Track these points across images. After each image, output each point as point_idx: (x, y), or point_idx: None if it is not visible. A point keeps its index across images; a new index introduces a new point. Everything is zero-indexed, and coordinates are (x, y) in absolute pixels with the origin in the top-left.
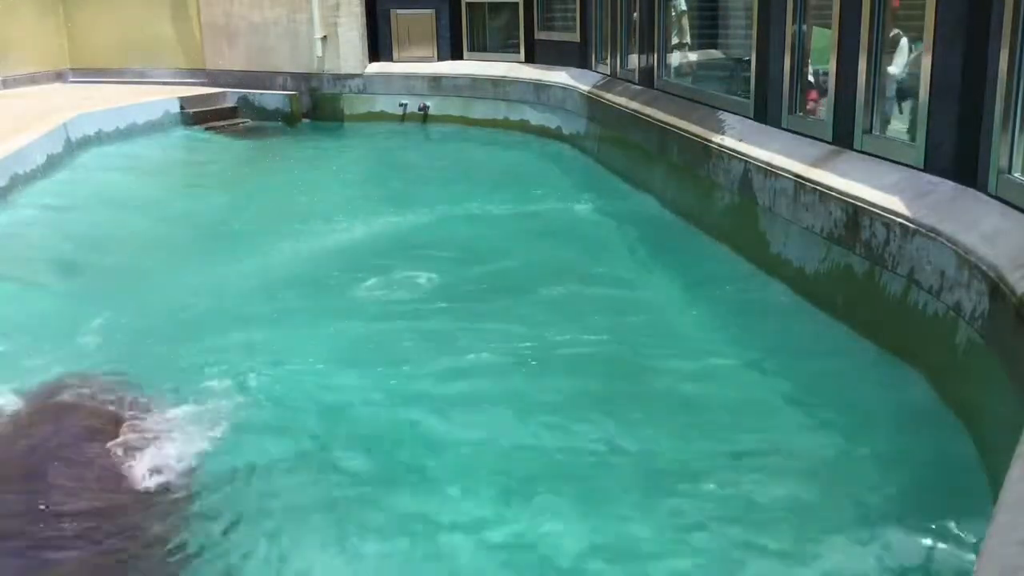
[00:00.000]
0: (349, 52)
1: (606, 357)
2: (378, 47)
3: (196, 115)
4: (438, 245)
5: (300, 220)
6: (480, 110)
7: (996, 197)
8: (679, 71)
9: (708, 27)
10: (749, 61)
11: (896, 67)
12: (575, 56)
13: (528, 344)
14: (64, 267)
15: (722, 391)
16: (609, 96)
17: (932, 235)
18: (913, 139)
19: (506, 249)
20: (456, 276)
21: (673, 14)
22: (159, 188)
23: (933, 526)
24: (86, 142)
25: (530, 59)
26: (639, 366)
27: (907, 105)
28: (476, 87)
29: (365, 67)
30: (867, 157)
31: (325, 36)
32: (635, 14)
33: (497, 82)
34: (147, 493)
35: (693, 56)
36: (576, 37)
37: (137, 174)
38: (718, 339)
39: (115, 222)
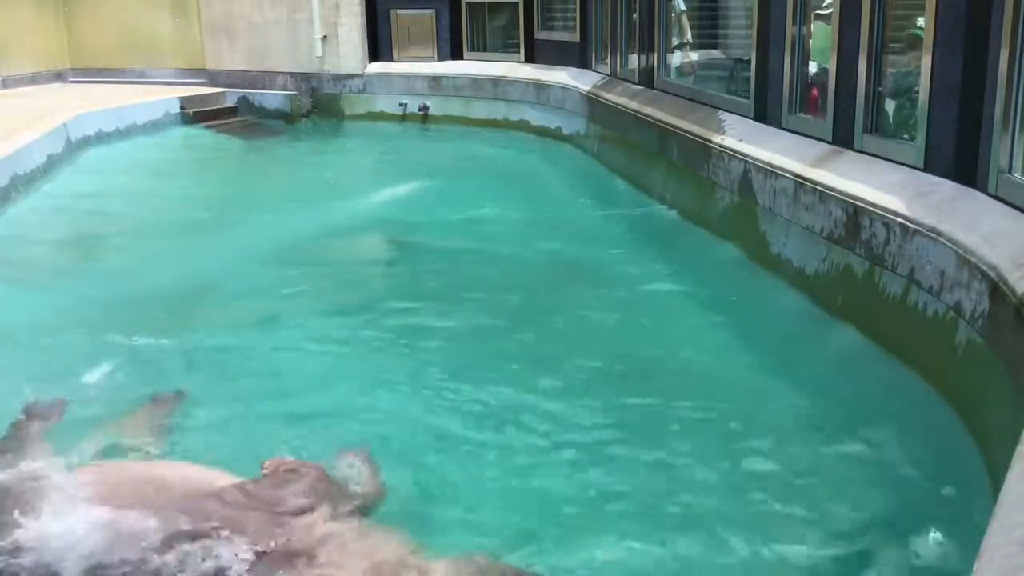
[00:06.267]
0: (349, 52)
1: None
2: (378, 47)
3: (196, 115)
4: (438, 241)
5: (299, 216)
6: (480, 110)
7: (996, 197)
8: (679, 71)
9: (708, 27)
10: (749, 61)
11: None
12: (575, 56)
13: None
14: (64, 265)
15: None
16: (609, 96)
17: (932, 235)
18: (913, 139)
19: (505, 247)
20: (455, 274)
21: (673, 14)
22: (159, 186)
23: (931, 527)
24: (86, 142)
25: (530, 59)
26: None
27: (907, 105)
28: (476, 87)
29: (365, 67)
30: (867, 157)
31: (325, 36)
32: (635, 14)
33: (497, 82)
34: None
35: (693, 56)
36: (576, 37)
37: (137, 173)
38: (724, 342)
39: (115, 219)
